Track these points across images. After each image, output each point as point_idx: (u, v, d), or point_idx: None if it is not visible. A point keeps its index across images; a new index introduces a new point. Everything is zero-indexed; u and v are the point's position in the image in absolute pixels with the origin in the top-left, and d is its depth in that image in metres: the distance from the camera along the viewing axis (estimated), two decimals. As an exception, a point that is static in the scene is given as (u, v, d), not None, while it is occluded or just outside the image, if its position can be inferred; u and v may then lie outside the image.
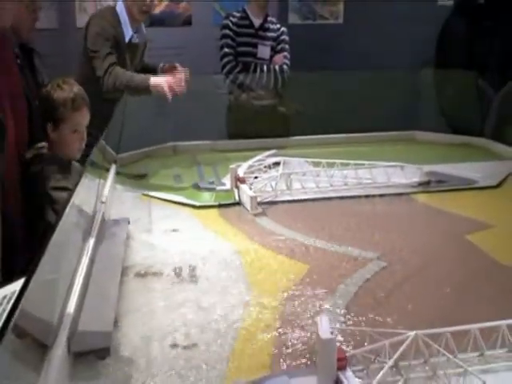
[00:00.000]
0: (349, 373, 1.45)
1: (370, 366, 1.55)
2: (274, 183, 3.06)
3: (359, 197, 3.12)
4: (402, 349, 1.53)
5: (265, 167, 3.41)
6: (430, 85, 4.96)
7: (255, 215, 2.82)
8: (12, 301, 1.32)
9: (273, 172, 3.32)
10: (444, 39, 5.56)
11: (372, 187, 3.18)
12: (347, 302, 2.00)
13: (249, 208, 2.85)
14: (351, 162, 3.28)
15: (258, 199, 2.92)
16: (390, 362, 1.51)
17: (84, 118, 2.81)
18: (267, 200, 3.01)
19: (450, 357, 1.54)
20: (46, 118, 2.74)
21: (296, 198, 3.09)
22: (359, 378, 1.49)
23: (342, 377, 1.44)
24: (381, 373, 1.49)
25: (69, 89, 2.76)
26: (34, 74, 2.64)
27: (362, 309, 1.96)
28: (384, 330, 1.68)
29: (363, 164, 3.28)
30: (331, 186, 3.15)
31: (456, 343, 1.58)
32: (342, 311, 1.94)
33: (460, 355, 1.58)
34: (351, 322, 1.87)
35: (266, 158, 3.62)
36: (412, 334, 1.55)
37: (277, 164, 3.49)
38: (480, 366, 1.59)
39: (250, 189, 2.99)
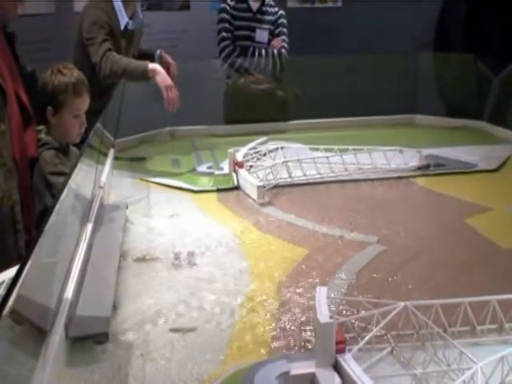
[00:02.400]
0: (348, 356, 1.45)
1: (362, 333, 1.59)
2: (275, 172, 3.02)
3: (358, 181, 3.11)
4: (389, 317, 1.56)
5: (260, 155, 3.38)
6: (430, 68, 4.93)
7: (261, 204, 2.78)
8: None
9: (268, 160, 3.29)
10: (443, 22, 5.53)
11: (371, 171, 3.17)
12: (346, 283, 2.00)
13: (255, 198, 2.80)
14: (350, 147, 3.26)
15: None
16: (376, 330, 1.55)
17: (84, 103, 2.81)
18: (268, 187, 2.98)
19: (436, 328, 1.56)
20: (46, 103, 2.73)
21: (295, 182, 3.07)
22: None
23: (340, 360, 1.44)
24: (366, 338, 1.53)
25: (69, 74, 2.76)
26: (16, 58, 2.63)
27: (361, 289, 1.95)
28: (377, 301, 1.71)
29: (362, 149, 3.26)
30: (332, 172, 3.13)
31: (447, 317, 1.61)
32: (341, 290, 1.95)
33: (451, 329, 1.61)
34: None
35: (257, 145, 3.59)
36: (401, 304, 1.58)
37: (274, 150, 3.47)
38: (469, 340, 1.62)
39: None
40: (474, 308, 1.64)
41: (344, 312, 1.79)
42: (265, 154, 3.40)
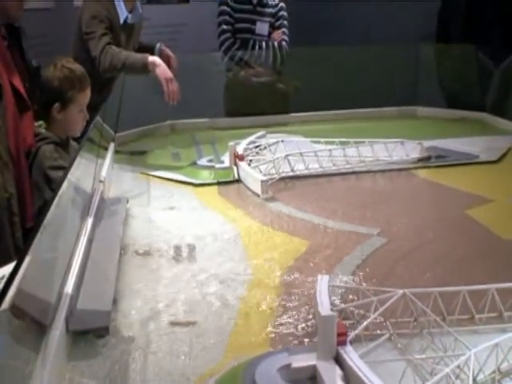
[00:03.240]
0: (349, 348, 1.45)
1: (361, 320, 1.60)
2: (278, 166, 3.00)
3: (360, 173, 3.10)
4: (387, 304, 1.58)
5: (260, 149, 3.36)
6: (431, 59, 4.92)
7: (266, 200, 2.76)
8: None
9: (268, 154, 3.27)
10: (445, 13, 5.51)
11: (373, 164, 3.15)
12: (347, 274, 2.00)
13: (259, 192, 2.78)
14: (350, 140, 3.24)
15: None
16: (373, 316, 1.56)
17: (87, 97, 2.83)
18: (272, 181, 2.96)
19: (433, 316, 1.57)
20: (53, 99, 2.73)
21: (297, 175, 3.06)
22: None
23: (342, 352, 1.44)
24: (364, 323, 1.55)
25: (73, 69, 2.77)
26: (22, 54, 2.62)
27: (362, 281, 1.95)
28: (376, 288, 1.72)
29: (363, 141, 3.24)
30: (334, 164, 3.11)
31: (446, 305, 1.62)
32: (343, 280, 1.95)
33: (449, 317, 1.62)
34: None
35: (256, 139, 3.58)
36: (400, 291, 1.59)
37: (274, 144, 3.44)
38: (468, 328, 1.62)
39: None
40: (473, 297, 1.65)
41: (344, 300, 1.80)
42: (265, 148, 3.39)
